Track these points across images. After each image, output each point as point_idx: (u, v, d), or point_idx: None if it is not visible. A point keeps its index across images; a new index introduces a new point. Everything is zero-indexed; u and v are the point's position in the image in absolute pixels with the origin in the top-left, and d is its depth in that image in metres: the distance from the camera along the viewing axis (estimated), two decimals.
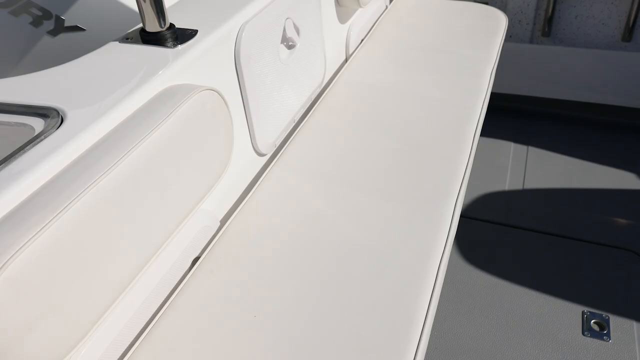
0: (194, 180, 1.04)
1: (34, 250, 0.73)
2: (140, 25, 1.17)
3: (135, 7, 1.51)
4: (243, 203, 1.31)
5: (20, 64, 1.51)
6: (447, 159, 1.43)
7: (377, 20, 2.22)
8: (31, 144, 0.83)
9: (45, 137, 0.85)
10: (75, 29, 1.48)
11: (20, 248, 0.71)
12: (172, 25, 1.14)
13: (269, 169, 1.42)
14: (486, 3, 2.79)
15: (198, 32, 1.17)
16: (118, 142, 0.88)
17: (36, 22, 1.44)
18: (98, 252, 0.83)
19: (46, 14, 1.44)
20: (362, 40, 2.11)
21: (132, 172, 0.87)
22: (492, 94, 2.88)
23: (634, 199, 2.31)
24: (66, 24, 1.47)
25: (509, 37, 2.85)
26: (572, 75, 2.74)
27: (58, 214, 0.75)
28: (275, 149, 1.53)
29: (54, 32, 1.47)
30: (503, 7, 2.79)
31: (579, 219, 2.23)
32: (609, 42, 2.69)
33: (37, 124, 0.89)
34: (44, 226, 0.74)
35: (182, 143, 0.98)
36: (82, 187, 0.79)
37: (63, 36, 1.48)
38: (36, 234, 0.73)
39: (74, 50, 1.51)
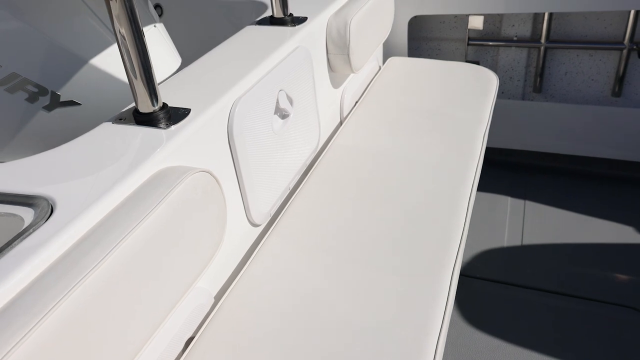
0: (188, 261, 1.02)
1: (25, 350, 0.70)
2: (134, 104, 1.18)
3: None
4: (237, 278, 1.29)
5: (16, 138, 1.52)
6: (442, 226, 1.42)
7: (370, 83, 2.25)
8: (19, 239, 0.82)
9: (34, 230, 0.84)
10: (71, 103, 1.50)
11: (8, 352, 0.69)
12: (165, 105, 1.15)
13: (263, 240, 1.40)
14: (477, 62, 2.84)
15: (191, 111, 1.17)
16: (109, 232, 0.86)
17: (32, 99, 1.46)
18: (90, 345, 0.80)
19: (42, 90, 1.46)
20: (356, 102, 2.13)
21: (123, 262, 0.86)
22: (486, 148, 2.90)
23: (632, 253, 2.29)
24: (62, 99, 1.49)
25: (501, 93, 2.89)
26: (565, 130, 2.76)
27: (47, 313, 0.73)
28: (270, 218, 1.52)
29: (49, 108, 1.48)
30: (494, 65, 2.84)
31: (578, 276, 2.20)
32: (599, 97, 2.73)
33: (27, 214, 0.88)
34: (32, 327, 0.72)
35: (174, 226, 0.97)
36: (71, 283, 0.78)
37: (58, 111, 1.50)
38: (25, 335, 0.71)
39: (70, 124, 1.52)
